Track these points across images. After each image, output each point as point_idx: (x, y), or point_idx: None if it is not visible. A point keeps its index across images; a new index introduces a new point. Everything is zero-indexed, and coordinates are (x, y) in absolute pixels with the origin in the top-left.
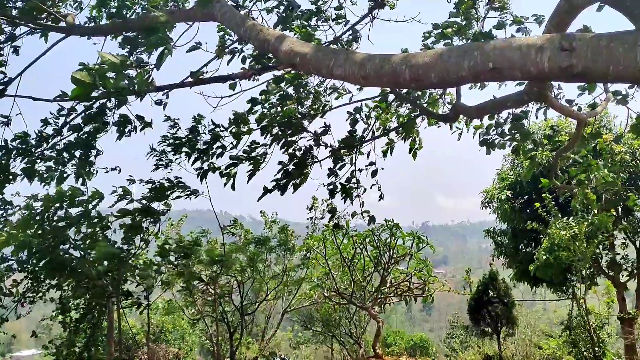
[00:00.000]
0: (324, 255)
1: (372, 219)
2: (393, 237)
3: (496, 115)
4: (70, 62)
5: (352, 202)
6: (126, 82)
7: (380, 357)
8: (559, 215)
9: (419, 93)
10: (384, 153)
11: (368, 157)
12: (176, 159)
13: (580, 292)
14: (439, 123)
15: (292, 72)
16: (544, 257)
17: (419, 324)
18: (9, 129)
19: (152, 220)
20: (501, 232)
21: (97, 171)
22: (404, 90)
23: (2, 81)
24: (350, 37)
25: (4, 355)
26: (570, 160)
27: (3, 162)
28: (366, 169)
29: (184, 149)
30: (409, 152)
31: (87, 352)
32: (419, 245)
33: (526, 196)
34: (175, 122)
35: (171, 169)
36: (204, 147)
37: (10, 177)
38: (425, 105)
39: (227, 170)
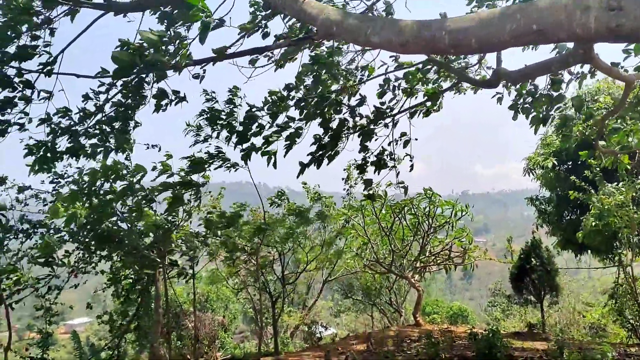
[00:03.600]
0: (362, 225)
1: (405, 190)
2: (432, 206)
3: (528, 84)
4: (110, 38)
5: (377, 173)
6: (166, 57)
7: (421, 325)
8: (605, 182)
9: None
10: (412, 115)
11: (395, 126)
12: (213, 133)
13: (627, 259)
14: (475, 90)
15: (326, 51)
16: (592, 223)
17: (459, 293)
18: (52, 105)
19: (193, 192)
20: (544, 200)
21: (134, 141)
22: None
23: (47, 61)
24: (384, 11)
25: (58, 323)
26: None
27: (49, 142)
28: (400, 140)
29: (222, 127)
30: (424, 112)
31: (137, 320)
32: (458, 213)
33: (571, 163)
34: (212, 95)
35: (209, 144)
36: (242, 128)
37: (58, 155)
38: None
39: (267, 149)
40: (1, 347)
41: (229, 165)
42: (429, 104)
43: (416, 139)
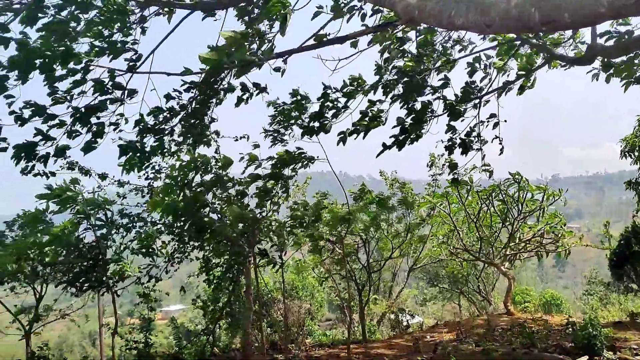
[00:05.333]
0: (448, 212)
1: (491, 173)
2: (521, 191)
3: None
4: (195, 36)
5: (465, 155)
6: (248, 54)
7: (513, 314)
8: None
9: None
10: (499, 93)
11: (484, 105)
12: (289, 134)
13: None
14: (566, 66)
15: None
16: None
17: (551, 281)
18: (145, 103)
19: (281, 184)
20: None
21: (217, 133)
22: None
23: (133, 58)
24: None
25: (154, 309)
26: None
27: (138, 142)
28: (487, 122)
29: (295, 121)
30: (518, 89)
31: (229, 306)
32: (549, 198)
33: None
34: (276, 103)
35: (287, 142)
36: (317, 111)
37: (146, 154)
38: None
39: (354, 130)
40: (109, 329)
41: (306, 161)
42: (520, 81)
43: (505, 121)
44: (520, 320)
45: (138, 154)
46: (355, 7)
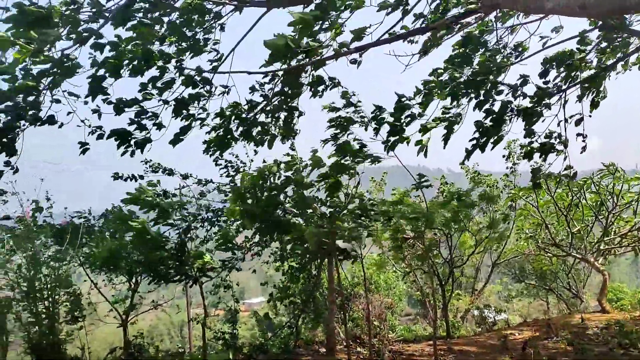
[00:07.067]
0: (535, 206)
1: (574, 175)
2: (616, 182)
3: None
4: (273, 30)
5: (544, 160)
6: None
7: (608, 312)
8: None
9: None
10: (579, 98)
11: (564, 106)
12: (348, 134)
13: None
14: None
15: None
16: None
17: None
18: (226, 100)
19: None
20: None
21: (299, 131)
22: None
23: (215, 58)
24: None
25: (239, 301)
26: None
27: (225, 125)
28: (570, 119)
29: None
30: (591, 105)
31: (312, 299)
32: None
33: None
34: (334, 106)
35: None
36: (392, 120)
37: (232, 137)
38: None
39: (421, 137)
40: (197, 322)
41: (371, 159)
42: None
43: (590, 116)
44: (616, 318)
45: (227, 135)
46: (402, 2)
